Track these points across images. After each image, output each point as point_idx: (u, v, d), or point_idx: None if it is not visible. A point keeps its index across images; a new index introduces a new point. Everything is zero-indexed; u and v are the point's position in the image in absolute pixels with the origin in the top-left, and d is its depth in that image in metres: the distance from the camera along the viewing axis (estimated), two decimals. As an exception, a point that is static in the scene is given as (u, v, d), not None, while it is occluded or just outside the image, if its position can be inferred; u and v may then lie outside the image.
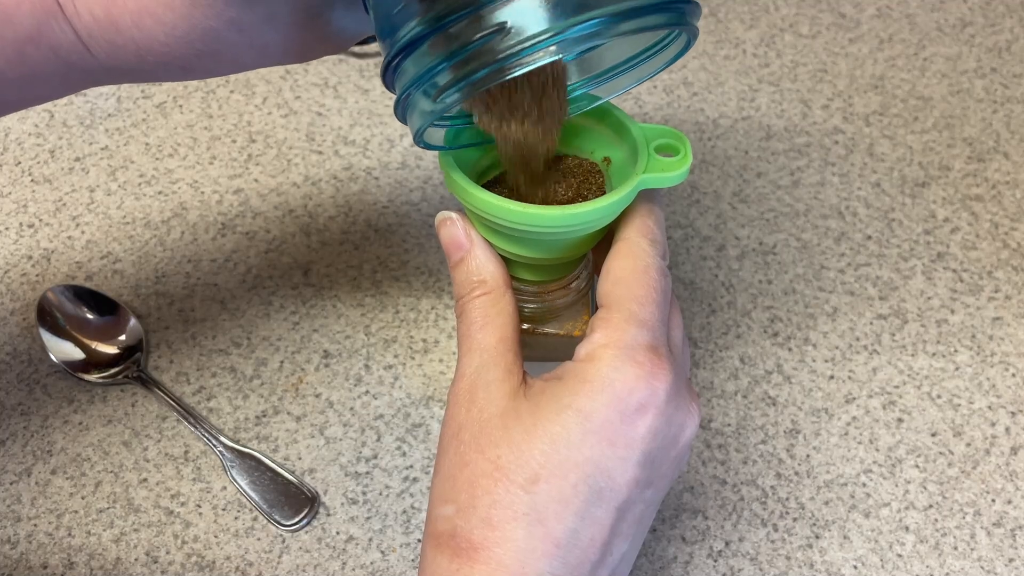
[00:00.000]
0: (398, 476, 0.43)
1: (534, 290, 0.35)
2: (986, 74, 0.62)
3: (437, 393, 0.46)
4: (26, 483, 0.42)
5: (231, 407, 0.45)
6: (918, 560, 0.41)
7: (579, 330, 0.36)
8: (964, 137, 0.58)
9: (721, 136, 0.58)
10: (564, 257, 0.34)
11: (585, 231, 0.31)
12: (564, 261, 0.34)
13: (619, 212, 0.31)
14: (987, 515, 0.42)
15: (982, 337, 0.48)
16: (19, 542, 0.41)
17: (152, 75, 0.31)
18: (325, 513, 0.42)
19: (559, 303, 0.36)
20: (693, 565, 0.40)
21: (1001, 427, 0.45)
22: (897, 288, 0.50)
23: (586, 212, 0.30)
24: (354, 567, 0.40)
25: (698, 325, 0.48)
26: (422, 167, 0.55)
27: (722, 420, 0.45)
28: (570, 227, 0.30)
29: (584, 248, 0.34)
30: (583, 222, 0.30)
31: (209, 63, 0.31)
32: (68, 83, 0.32)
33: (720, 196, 0.54)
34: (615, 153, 0.34)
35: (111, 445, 0.44)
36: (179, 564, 0.40)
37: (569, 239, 0.32)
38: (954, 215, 0.54)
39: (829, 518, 0.42)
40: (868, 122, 0.59)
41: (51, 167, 0.55)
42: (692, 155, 0.34)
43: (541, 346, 0.37)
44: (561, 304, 0.36)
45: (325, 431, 0.44)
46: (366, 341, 0.47)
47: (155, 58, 0.30)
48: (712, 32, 0.64)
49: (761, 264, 0.51)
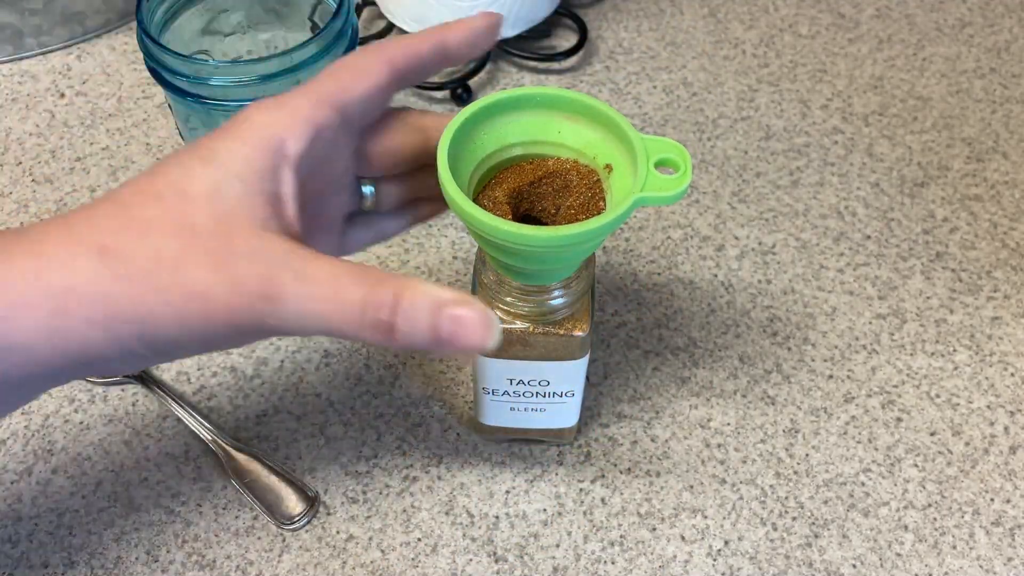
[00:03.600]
0: (398, 475, 0.43)
1: (534, 290, 0.35)
2: (985, 74, 0.62)
3: (437, 393, 0.46)
4: (27, 482, 0.42)
5: (231, 406, 0.45)
6: (917, 559, 0.41)
7: (579, 329, 0.36)
8: (963, 137, 0.58)
9: (721, 136, 0.58)
10: (559, 269, 0.34)
11: (578, 248, 0.32)
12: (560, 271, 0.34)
13: (613, 231, 0.32)
14: (986, 514, 0.42)
15: (981, 337, 0.49)
16: (20, 541, 0.41)
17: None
18: (325, 512, 0.42)
19: (559, 303, 0.36)
20: (692, 564, 0.41)
21: (1000, 426, 0.45)
22: (896, 288, 0.50)
23: (578, 233, 0.30)
24: (354, 566, 0.40)
25: (697, 324, 0.49)
26: (422, 167, 0.55)
27: (721, 419, 0.45)
28: (562, 247, 0.31)
29: (578, 260, 0.34)
30: (575, 243, 0.30)
31: None
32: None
33: (719, 196, 0.54)
34: (617, 161, 0.34)
35: (112, 444, 0.44)
36: (179, 563, 0.40)
37: (563, 255, 0.32)
38: (953, 215, 0.54)
39: (828, 517, 0.42)
40: (867, 122, 0.59)
41: (52, 167, 0.55)
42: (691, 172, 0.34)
43: (541, 345, 0.37)
44: (561, 304, 0.36)
45: (325, 430, 0.44)
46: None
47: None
48: (712, 32, 0.64)
49: (760, 264, 0.51)
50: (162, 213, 0.27)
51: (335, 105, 0.30)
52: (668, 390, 0.46)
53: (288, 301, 0.27)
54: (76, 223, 0.28)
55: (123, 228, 0.27)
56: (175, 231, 0.27)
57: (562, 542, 0.41)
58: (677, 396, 0.46)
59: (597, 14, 0.65)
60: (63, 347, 0.27)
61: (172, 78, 0.44)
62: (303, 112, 0.29)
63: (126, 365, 0.29)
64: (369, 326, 0.27)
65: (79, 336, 0.27)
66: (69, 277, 0.27)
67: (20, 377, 0.27)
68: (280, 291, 0.27)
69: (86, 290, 0.26)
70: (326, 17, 0.50)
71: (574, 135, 0.34)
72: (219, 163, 0.28)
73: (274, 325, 0.27)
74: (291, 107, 0.29)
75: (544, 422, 0.42)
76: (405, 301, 0.26)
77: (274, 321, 0.27)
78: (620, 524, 0.42)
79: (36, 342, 0.27)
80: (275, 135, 0.29)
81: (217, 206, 0.28)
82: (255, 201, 0.28)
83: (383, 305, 0.26)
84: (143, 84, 0.60)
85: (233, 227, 0.27)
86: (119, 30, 0.63)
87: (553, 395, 0.40)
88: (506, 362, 0.38)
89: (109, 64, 0.61)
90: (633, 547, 0.41)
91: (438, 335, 0.27)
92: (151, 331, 0.27)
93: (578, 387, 0.40)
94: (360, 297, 0.27)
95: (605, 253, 0.51)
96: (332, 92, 0.30)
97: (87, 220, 0.28)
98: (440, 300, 0.27)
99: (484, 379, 0.39)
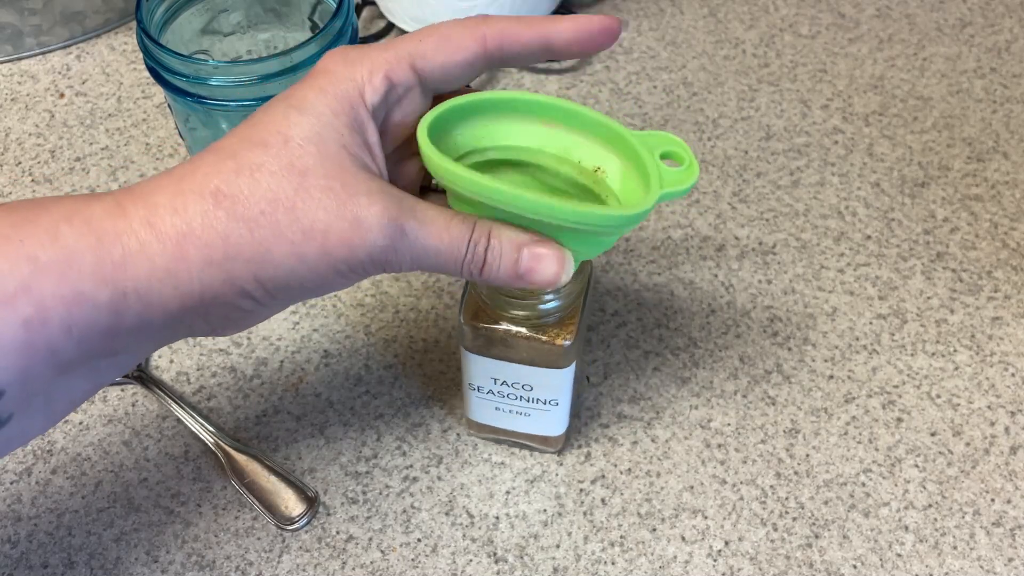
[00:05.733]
0: (398, 475, 0.43)
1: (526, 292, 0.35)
2: (985, 74, 0.62)
3: (437, 393, 0.46)
4: (26, 482, 0.42)
5: (231, 407, 0.45)
6: (917, 560, 0.41)
7: (562, 338, 0.36)
8: (963, 137, 0.58)
9: (721, 136, 0.58)
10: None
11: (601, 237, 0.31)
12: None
13: (636, 224, 0.31)
14: (986, 515, 0.42)
15: (981, 337, 0.49)
16: (19, 541, 0.41)
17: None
18: (325, 512, 0.42)
19: (550, 307, 0.36)
20: (692, 564, 0.41)
21: (1000, 427, 0.45)
22: (896, 288, 0.50)
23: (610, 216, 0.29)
24: (354, 566, 0.40)
25: (698, 325, 0.48)
26: (422, 167, 0.55)
27: (721, 420, 0.45)
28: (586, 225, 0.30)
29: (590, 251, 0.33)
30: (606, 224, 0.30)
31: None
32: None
33: (720, 196, 0.54)
34: (609, 163, 0.33)
35: (111, 444, 0.44)
36: (179, 563, 0.40)
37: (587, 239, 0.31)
38: (953, 215, 0.54)
39: (828, 518, 0.42)
40: (868, 122, 0.59)
41: (52, 167, 0.55)
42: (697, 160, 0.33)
43: (524, 349, 0.37)
44: (553, 308, 0.36)
45: (325, 431, 0.44)
46: (366, 341, 0.48)
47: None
48: (712, 32, 0.64)
49: (760, 264, 0.51)
50: (271, 158, 0.28)
51: (415, 66, 0.31)
52: (668, 390, 0.46)
53: (409, 237, 0.29)
54: (185, 175, 0.28)
55: (234, 173, 0.28)
56: (286, 174, 0.28)
57: (562, 542, 0.41)
58: (677, 396, 0.46)
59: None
60: (182, 291, 0.28)
61: (172, 78, 0.44)
62: (382, 66, 0.30)
63: (237, 313, 0.30)
64: (468, 262, 0.30)
65: (197, 279, 0.28)
66: (185, 222, 0.27)
67: (137, 324, 0.28)
68: (403, 229, 0.29)
69: (203, 233, 0.27)
70: (326, 17, 0.50)
71: (553, 140, 0.34)
72: (314, 112, 0.29)
73: (390, 260, 0.29)
74: (371, 60, 0.31)
75: (529, 427, 0.42)
76: (495, 239, 0.30)
77: (392, 256, 0.29)
78: (620, 524, 0.42)
79: (153, 286, 0.27)
80: (356, 87, 0.30)
81: (323, 150, 0.29)
82: (354, 148, 0.29)
83: (480, 243, 0.30)
84: (143, 84, 0.60)
85: (343, 170, 0.29)
86: (119, 30, 0.63)
87: (537, 401, 0.40)
88: (490, 361, 0.38)
89: (109, 64, 0.61)
90: (633, 547, 0.41)
91: (517, 269, 0.31)
92: (269, 271, 0.28)
93: (563, 398, 0.39)
94: (468, 236, 0.30)
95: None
96: (414, 53, 0.31)
97: (195, 170, 0.28)
98: (522, 239, 0.30)
99: (470, 375, 0.39)
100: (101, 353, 0.28)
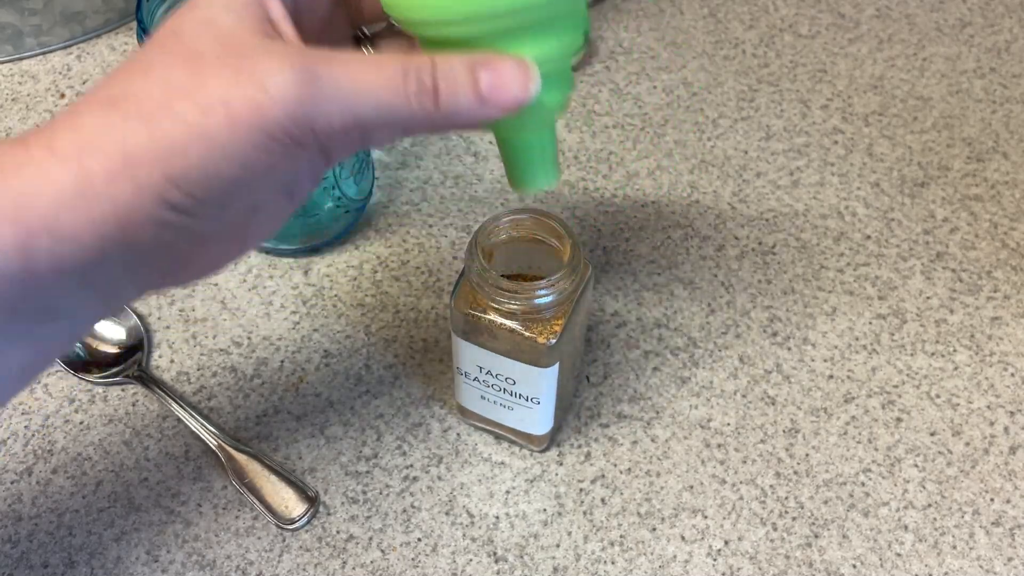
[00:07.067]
0: (398, 475, 0.43)
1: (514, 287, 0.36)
2: (985, 74, 0.62)
3: (437, 393, 0.46)
4: (27, 482, 0.42)
5: (232, 406, 0.45)
6: (917, 559, 0.41)
7: (544, 337, 0.36)
8: (963, 137, 0.58)
9: (721, 136, 0.58)
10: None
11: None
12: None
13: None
14: (986, 514, 0.42)
15: (981, 337, 0.49)
16: (20, 541, 0.41)
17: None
18: (325, 512, 0.42)
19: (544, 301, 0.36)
20: (692, 564, 0.41)
21: (1000, 426, 0.45)
22: (896, 288, 0.50)
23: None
24: (354, 566, 0.40)
25: (697, 325, 0.49)
26: (422, 167, 0.55)
27: (721, 419, 0.45)
28: None
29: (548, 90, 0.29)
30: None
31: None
32: None
33: (719, 196, 0.54)
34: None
35: (112, 444, 0.44)
36: (179, 563, 0.40)
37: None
38: (953, 215, 0.54)
39: (828, 517, 0.42)
40: (867, 122, 0.59)
41: (52, 167, 0.55)
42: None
43: (506, 341, 0.37)
44: (546, 303, 0.36)
45: (325, 430, 0.44)
46: (366, 341, 0.48)
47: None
48: (711, 32, 0.64)
49: (760, 264, 0.51)
50: (164, 54, 0.26)
51: None
52: (668, 390, 0.46)
53: (325, 81, 0.26)
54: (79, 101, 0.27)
55: (127, 75, 0.26)
56: (181, 62, 0.26)
57: (562, 542, 0.41)
58: (677, 396, 0.46)
59: (597, 14, 0.65)
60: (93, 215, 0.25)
61: (172, 78, 0.44)
62: None
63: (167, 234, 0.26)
64: (414, 93, 0.27)
65: (106, 196, 0.25)
66: (82, 136, 0.25)
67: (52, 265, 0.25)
68: (315, 73, 0.26)
69: (101, 142, 0.25)
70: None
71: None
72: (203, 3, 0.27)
73: (310, 113, 0.26)
74: None
75: (513, 421, 0.42)
76: (441, 63, 0.27)
77: (311, 107, 0.26)
78: (620, 524, 0.42)
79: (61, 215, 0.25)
80: None
81: (216, 32, 0.26)
82: (253, 23, 0.27)
83: (423, 68, 0.27)
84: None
85: (241, 43, 0.26)
86: (119, 30, 0.63)
87: (520, 396, 0.40)
88: (476, 348, 0.38)
89: (109, 64, 0.61)
90: (633, 547, 0.41)
91: (479, 91, 0.27)
92: (178, 165, 0.25)
93: (545, 397, 0.40)
94: (400, 64, 0.27)
95: (605, 253, 0.51)
96: None
97: (94, 87, 0.27)
98: (474, 58, 0.27)
99: (458, 359, 0.40)
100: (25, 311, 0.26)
